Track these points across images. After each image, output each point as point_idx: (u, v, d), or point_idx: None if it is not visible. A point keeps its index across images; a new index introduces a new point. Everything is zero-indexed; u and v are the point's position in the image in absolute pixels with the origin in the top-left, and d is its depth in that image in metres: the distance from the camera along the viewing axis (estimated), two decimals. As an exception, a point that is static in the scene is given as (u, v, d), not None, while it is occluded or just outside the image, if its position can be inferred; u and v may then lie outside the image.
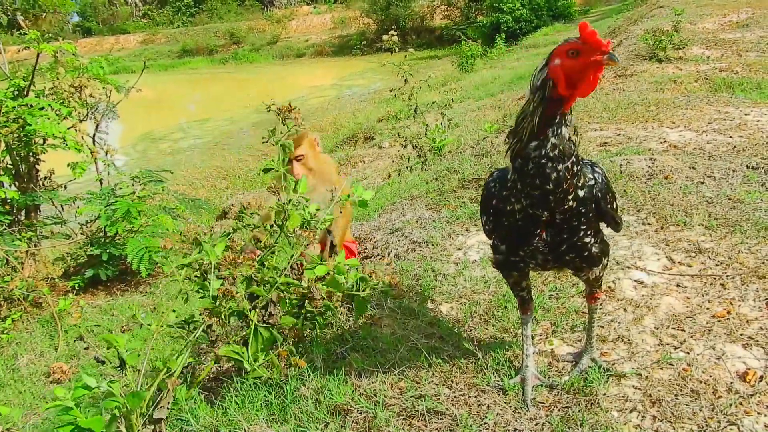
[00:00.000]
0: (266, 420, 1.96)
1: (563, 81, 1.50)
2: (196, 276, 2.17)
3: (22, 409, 5.13)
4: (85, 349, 4.99)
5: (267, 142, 2.44)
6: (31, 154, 6.43)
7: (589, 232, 1.69)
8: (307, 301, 2.20)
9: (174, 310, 2.36)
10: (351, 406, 1.94)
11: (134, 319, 2.36)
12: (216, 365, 2.94)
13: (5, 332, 5.97)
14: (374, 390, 2.00)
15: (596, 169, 1.72)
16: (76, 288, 6.43)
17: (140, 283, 6.03)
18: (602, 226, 1.79)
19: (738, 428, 1.68)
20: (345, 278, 2.18)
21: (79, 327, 5.56)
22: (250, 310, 2.13)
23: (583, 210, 1.64)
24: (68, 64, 6.57)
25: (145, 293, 5.84)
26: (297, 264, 2.26)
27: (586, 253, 1.72)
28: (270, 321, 2.20)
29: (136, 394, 2.03)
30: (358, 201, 2.35)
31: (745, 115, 4.78)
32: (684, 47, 7.47)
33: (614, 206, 1.78)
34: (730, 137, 4.24)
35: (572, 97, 1.52)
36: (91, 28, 40.14)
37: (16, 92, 6.28)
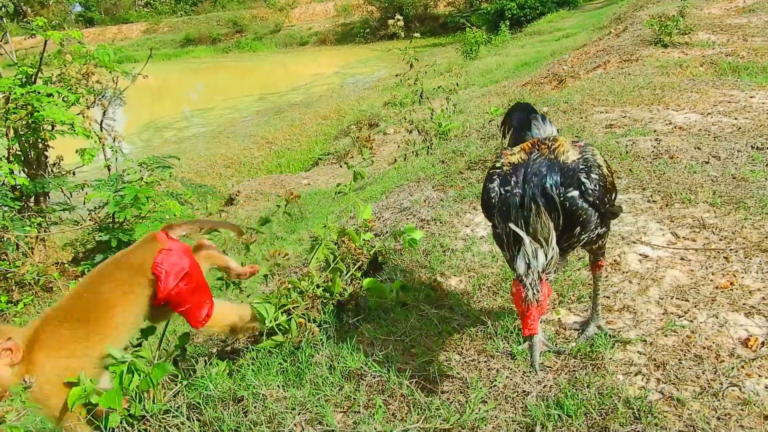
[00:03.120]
0: (283, 385, 2.03)
1: None
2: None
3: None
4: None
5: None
6: (39, 140, 6.49)
7: (591, 228, 1.79)
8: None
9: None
10: (364, 370, 2.00)
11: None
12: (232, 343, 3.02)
13: (17, 316, 6.05)
14: (386, 356, 2.06)
15: (592, 175, 1.75)
16: (86, 273, 6.49)
17: (149, 266, 6.09)
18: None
19: (740, 389, 1.74)
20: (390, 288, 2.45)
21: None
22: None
23: (586, 223, 1.75)
24: (75, 51, 6.61)
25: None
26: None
27: (585, 239, 1.80)
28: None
29: (160, 365, 2.11)
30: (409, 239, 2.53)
31: (751, 97, 4.81)
32: (690, 32, 7.47)
33: (613, 201, 1.85)
34: (736, 119, 4.27)
35: None
36: (93, 18, 40.07)
37: (24, 79, 6.33)
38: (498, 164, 1.90)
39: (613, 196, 1.86)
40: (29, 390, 1.74)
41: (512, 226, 1.67)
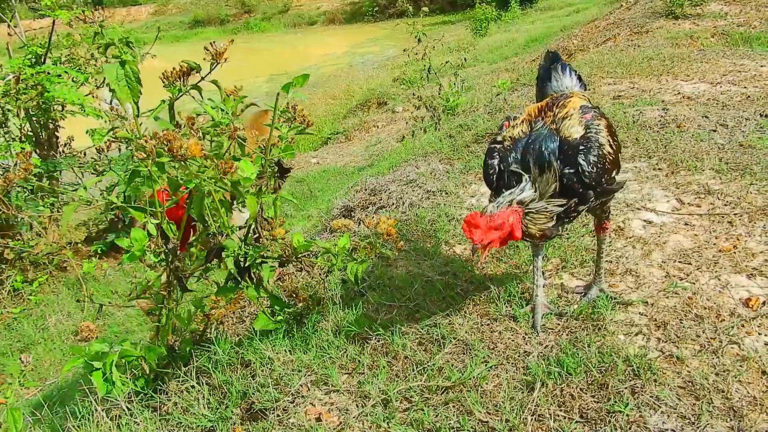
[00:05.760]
0: (289, 349, 2.07)
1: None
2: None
3: (53, 366, 5.35)
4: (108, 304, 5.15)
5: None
6: (50, 121, 6.54)
7: (588, 201, 1.81)
8: None
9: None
10: (369, 334, 2.04)
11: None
12: (240, 311, 3.06)
13: (33, 294, 6.16)
14: (391, 321, 2.09)
15: (590, 157, 1.75)
16: (99, 252, 6.58)
17: (161, 244, 6.17)
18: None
19: (739, 347, 1.75)
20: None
21: (108, 283, 5.71)
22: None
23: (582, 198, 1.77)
24: (84, 32, 6.61)
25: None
26: None
27: (584, 209, 1.83)
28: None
29: (151, 348, 2.19)
30: None
31: (761, 66, 4.75)
32: (702, 3, 7.36)
33: (614, 177, 1.85)
34: (745, 88, 4.23)
35: None
36: (102, 0, 39.92)
37: (34, 60, 6.35)
38: (499, 138, 1.91)
39: (614, 173, 1.84)
40: None
41: (513, 168, 1.74)
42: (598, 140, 1.79)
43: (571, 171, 1.72)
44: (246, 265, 2.16)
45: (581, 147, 1.76)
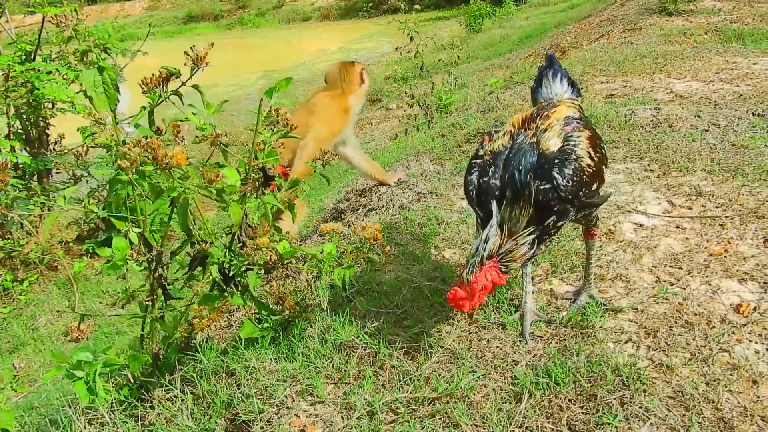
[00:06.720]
0: (275, 358, 2.04)
1: None
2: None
3: (42, 367, 5.30)
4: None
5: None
6: (40, 118, 6.47)
7: (569, 216, 1.77)
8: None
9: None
10: (356, 342, 2.01)
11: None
12: (228, 315, 3.02)
13: (23, 294, 6.11)
14: (378, 328, 2.06)
15: (565, 170, 1.70)
16: (90, 251, 6.52)
17: (152, 244, 6.12)
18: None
19: (729, 354, 1.73)
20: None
21: (99, 283, 5.66)
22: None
23: (561, 213, 1.74)
24: (75, 29, 6.55)
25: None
26: None
27: (564, 224, 1.80)
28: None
29: (136, 356, 2.16)
30: None
31: (754, 64, 4.73)
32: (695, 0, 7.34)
33: (596, 191, 1.81)
34: (737, 86, 4.21)
35: None
36: (95, -3, 39.65)
37: (23, 57, 6.29)
38: (481, 152, 1.88)
39: (595, 186, 1.80)
40: None
41: (493, 205, 1.69)
42: (575, 152, 1.73)
43: (547, 186, 1.68)
44: (231, 274, 2.13)
45: (556, 160, 1.71)
